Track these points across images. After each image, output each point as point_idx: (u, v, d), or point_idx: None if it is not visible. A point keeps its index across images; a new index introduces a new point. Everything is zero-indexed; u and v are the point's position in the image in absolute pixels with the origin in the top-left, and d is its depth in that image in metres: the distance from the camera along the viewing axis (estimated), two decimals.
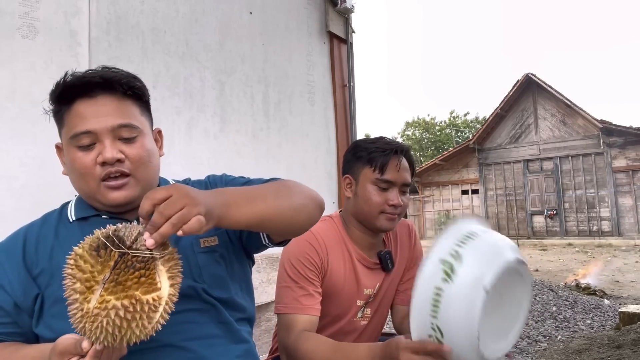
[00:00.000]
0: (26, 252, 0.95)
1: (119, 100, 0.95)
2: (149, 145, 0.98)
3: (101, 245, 0.73)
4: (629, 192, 17.32)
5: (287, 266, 1.33)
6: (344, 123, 3.50)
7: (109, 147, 0.91)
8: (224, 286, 1.00)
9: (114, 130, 0.92)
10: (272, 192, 0.93)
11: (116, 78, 0.95)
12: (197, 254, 0.98)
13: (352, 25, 3.62)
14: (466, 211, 21.00)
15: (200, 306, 0.95)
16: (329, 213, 3.46)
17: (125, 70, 1.00)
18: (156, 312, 0.71)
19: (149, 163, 0.97)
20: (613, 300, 5.95)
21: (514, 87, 19.31)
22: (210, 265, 0.99)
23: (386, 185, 1.37)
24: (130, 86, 0.96)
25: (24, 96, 1.77)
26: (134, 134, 0.95)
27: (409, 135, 37.09)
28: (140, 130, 0.96)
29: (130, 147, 0.94)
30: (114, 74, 0.96)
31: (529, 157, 19.38)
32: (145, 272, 0.72)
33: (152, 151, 0.99)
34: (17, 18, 1.85)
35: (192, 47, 2.56)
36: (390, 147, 1.38)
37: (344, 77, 3.56)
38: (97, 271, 0.71)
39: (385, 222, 1.38)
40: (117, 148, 0.92)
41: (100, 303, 0.69)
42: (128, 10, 2.28)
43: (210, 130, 2.63)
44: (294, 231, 1.02)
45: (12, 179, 1.69)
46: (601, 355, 3.33)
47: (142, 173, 0.96)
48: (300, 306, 1.27)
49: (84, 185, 0.95)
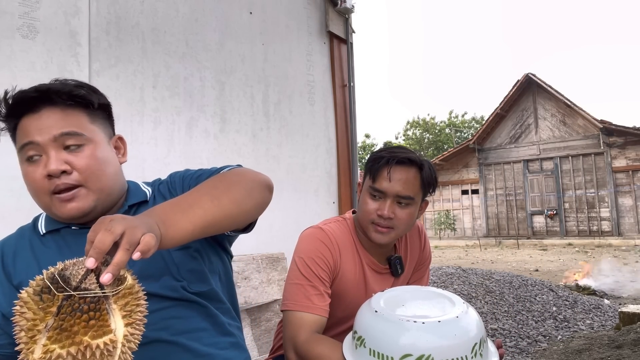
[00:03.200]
0: (4, 264, 0.95)
1: (63, 111, 0.92)
2: (100, 153, 0.94)
3: (44, 288, 0.66)
4: (629, 192, 17.32)
5: (300, 264, 1.30)
6: (344, 123, 3.50)
7: (53, 158, 0.89)
8: (204, 279, 1.00)
9: (56, 140, 0.90)
10: (208, 193, 0.88)
11: (54, 89, 0.91)
12: (172, 252, 0.97)
13: (352, 25, 3.62)
14: (466, 211, 21.01)
15: (184, 302, 0.96)
16: (329, 213, 3.44)
17: (77, 81, 0.98)
18: (112, 356, 0.65)
19: (100, 172, 0.93)
20: (613, 300, 5.95)
21: (514, 87, 19.32)
22: (187, 261, 0.98)
23: (378, 195, 1.32)
24: (72, 95, 0.92)
25: None
26: (80, 142, 0.92)
27: (409, 135, 37.08)
28: (88, 139, 0.93)
29: (77, 157, 0.91)
30: (53, 85, 0.92)
31: (529, 157, 19.38)
32: (94, 314, 0.65)
33: (105, 159, 0.95)
34: (17, 18, 1.85)
35: (192, 47, 2.56)
36: (383, 156, 1.33)
37: (344, 77, 3.56)
38: (39, 318, 0.65)
39: (374, 234, 1.33)
40: (63, 158, 0.90)
41: (44, 353, 0.63)
42: (128, 10, 2.28)
43: (210, 130, 2.63)
44: (244, 221, 0.96)
45: (12, 179, 1.69)
46: (601, 355, 3.33)
47: (95, 182, 0.92)
48: (312, 305, 1.24)
49: (38, 200, 0.94)
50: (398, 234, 1.33)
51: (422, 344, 0.92)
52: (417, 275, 1.52)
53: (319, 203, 3.27)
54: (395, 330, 0.95)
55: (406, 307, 1.03)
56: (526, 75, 19.00)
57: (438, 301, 1.05)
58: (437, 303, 1.04)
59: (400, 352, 0.92)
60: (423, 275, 1.53)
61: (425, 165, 1.33)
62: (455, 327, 0.94)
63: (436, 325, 0.94)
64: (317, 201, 3.26)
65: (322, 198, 3.31)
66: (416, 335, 0.93)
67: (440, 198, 21.80)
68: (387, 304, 1.04)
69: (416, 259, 1.51)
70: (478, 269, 8.52)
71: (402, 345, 0.93)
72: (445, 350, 0.92)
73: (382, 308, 1.02)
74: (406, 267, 1.46)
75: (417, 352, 0.91)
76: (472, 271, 8.56)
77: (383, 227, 1.31)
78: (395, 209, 1.30)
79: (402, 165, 1.31)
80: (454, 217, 21.35)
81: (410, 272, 1.51)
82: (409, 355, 0.92)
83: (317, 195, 3.27)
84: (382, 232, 1.31)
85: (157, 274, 0.95)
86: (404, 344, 0.93)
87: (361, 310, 1.09)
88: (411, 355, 0.92)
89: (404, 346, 0.93)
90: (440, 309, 1.01)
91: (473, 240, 19.71)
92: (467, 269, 9.06)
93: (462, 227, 21.18)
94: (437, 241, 20.90)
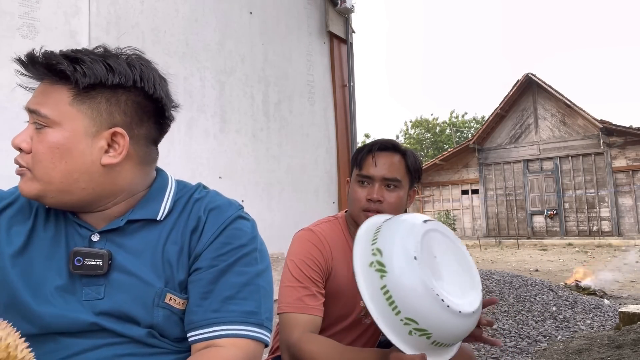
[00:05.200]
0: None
1: (49, 84, 0.80)
2: (59, 141, 0.78)
3: None
4: (629, 192, 17.32)
5: (291, 266, 1.32)
6: (344, 123, 3.50)
7: (22, 132, 0.80)
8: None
9: (30, 113, 0.80)
10: None
11: (38, 59, 0.78)
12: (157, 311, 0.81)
13: (352, 25, 3.62)
14: (466, 211, 21.00)
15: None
16: (329, 213, 3.45)
17: (102, 48, 0.84)
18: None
19: (48, 162, 0.78)
20: (613, 300, 5.94)
21: (514, 87, 19.31)
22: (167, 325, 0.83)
23: (366, 181, 1.36)
24: (51, 68, 0.77)
25: (24, 96, 1.78)
26: (42, 123, 0.78)
27: (411, 135, 37.08)
28: (52, 121, 0.78)
29: (37, 138, 0.79)
30: (45, 53, 0.79)
31: (529, 157, 19.38)
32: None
33: (63, 151, 0.78)
34: (17, 18, 1.85)
35: (192, 47, 2.56)
36: (367, 145, 1.39)
37: (344, 77, 3.56)
38: None
39: (364, 220, 1.33)
40: (30, 134, 0.80)
41: None
42: (128, 10, 2.27)
43: (210, 130, 2.63)
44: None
45: (12, 179, 1.70)
46: (601, 355, 3.33)
47: (39, 172, 0.79)
48: (304, 306, 1.26)
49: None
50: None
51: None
52: None
53: (319, 203, 3.27)
54: (463, 323, 1.01)
55: (447, 284, 1.03)
56: (526, 75, 19.00)
57: (464, 279, 1.09)
58: (463, 281, 1.08)
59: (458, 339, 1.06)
60: None
61: (408, 152, 1.40)
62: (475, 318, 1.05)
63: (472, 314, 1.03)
64: (317, 201, 3.26)
65: (322, 198, 3.31)
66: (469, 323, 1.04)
67: (440, 198, 21.80)
68: (442, 284, 1.02)
69: None
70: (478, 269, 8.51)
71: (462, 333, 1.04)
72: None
73: (448, 299, 0.99)
74: None
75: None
76: None
77: (373, 212, 1.33)
78: (384, 192, 1.34)
79: (386, 150, 1.37)
80: (454, 217, 21.35)
81: None
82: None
83: (317, 195, 3.27)
84: (372, 216, 1.32)
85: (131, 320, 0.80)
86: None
87: (422, 300, 0.98)
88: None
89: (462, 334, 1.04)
90: (468, 286, 1.08)
91: (473, 240, 19.71)
92: None
93: (462, 227, 21.18)
94: None
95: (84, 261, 0.79)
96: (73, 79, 0.77)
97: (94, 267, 0.79)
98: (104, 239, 0.82)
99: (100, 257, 0.79)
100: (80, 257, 0.79)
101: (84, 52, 0.80)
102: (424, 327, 0.97)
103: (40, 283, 0.80)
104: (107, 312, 0.79)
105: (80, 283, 0.80)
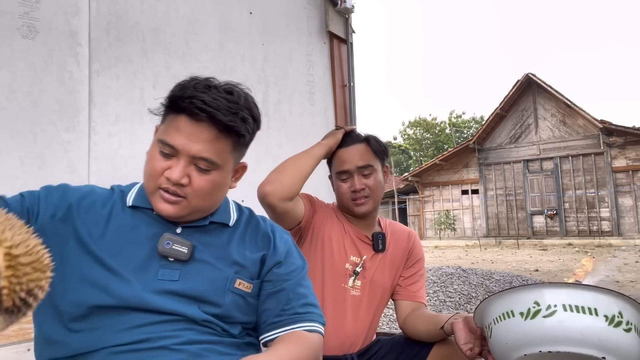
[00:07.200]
0: (76, 206, 0.95)
1: (215, 135, 0.92)
2: (220, 180, 0.96)
3: None
4: (629, 192, 17.34)
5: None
6: (344, 123, 3.50)
7: (179, 169, 0.91)
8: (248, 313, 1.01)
9: (193, 158, 0.92)
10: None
11: (221, 112, 0.91)
12: (230, 295, 0.96)
13: (352, 25, 3.62)
14: (466, 211, 21.01)
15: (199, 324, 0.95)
16: None
17: (248, 101, 1.00)
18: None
19: (209, 195, 0.96)
20: None
21: (514, 87, 19.33)
22: (235, 308, 0.98)
23: (345, 176, 1.54)
24: (232, 126, 0.93)
25: (24, 96, 1.77)
26: (210, 168, 0.94)
27: (410, 135, 37.07)
28: (218, 166, 0.94)
29: (199, 177, 0.93)
30: (222, 104, 0.92)
31: (529, 157, 19.40)
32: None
33: (220, 185, 0.97)
34: (17, 18, 1.85)
35: (192, 47, 2.56)
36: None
37: (344, 77, 3.56)
38: None
39: (356, 208, 1.52)
40: (187, 172, 0.92)
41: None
42: (128, 10, 2.28)
43: None
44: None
45: (12, 179, 1.70)
46: None
47: (198, 202, 0.95)
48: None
49: (146, 181, 0.97)
50: (375, 200, 1.54)
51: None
52: (412, 270, 1.60)
53: None
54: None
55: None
56: (526, 75, 19.01)
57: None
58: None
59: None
60: (417, 281, 1.60)
61: (370, 138, 1.56)
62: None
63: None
64: None
65: (322, 198, 3.30)
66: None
67: (440, 198, 21.81)
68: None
69: (400, 255, 1.60)
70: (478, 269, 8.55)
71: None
72: None
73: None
74: (388, 250, 1.58)
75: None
76: (472, 271, 8.57)
77: (361, 199, 1.51)
78: (363, 180, 1.51)
79: (352, 144, 1.55)
80: (454, 217, 21.36)
81: (398, 263, 1.59)
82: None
83: (317, 195, 3.27)
84: (362, 203, 1.51)
85: (197, 299, 0.93)
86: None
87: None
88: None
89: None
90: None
91: (473, 240, 19.72)
92: (467, 269, 9.07)
93: (462, 227, 21.19)
94: (437, 241, 20.91)
95: (173, 245, 0.93)
96: (241, 136, 0.96)
97: (179, 252, 0.93)
98: (185, 232, 0.97)
99: (186, 245, 0.94)
100: (169, 241, 0.93)
101: (239, 105, 0.95)
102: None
103: (120, 263, 0.90)
104: (178, 293, 0.91)
105: (158, 265, 0.92)
